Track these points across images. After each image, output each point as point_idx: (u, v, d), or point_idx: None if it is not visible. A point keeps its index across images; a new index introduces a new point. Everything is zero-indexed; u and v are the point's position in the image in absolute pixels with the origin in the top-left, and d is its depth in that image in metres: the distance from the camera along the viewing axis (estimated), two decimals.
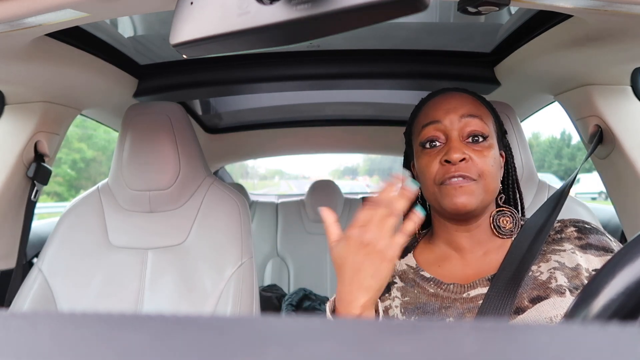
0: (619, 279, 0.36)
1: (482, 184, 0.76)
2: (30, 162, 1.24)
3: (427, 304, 0.78)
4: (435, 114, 0.81)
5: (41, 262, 1.21)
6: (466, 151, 0.76)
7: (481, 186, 0.76)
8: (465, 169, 0.75)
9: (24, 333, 0.18)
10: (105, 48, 1.21)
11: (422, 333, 0.18)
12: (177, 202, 1.24)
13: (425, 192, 0.82)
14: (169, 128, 1.20)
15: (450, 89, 0.86)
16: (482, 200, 0.77)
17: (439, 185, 0.77)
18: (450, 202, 0.76)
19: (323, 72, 1.39)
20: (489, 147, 0.79)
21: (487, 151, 0.78)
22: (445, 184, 0.76)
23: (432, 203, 0.82)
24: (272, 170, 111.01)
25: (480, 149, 0.78)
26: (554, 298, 0.69)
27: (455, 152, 0.75)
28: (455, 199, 0.75)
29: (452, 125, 0.79)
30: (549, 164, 51.68)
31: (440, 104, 0.82)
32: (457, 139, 0.78)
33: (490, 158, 0.78)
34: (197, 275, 1.16)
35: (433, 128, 0.80)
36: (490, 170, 0.77)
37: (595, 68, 1.06)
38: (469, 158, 0.76)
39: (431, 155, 0.79)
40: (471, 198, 0.75)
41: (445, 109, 0.80)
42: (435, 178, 0.78)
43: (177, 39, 0.50)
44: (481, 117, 0.80)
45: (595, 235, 0.77)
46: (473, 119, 0.79)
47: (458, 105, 0.80)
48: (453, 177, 0.75)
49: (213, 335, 0.18)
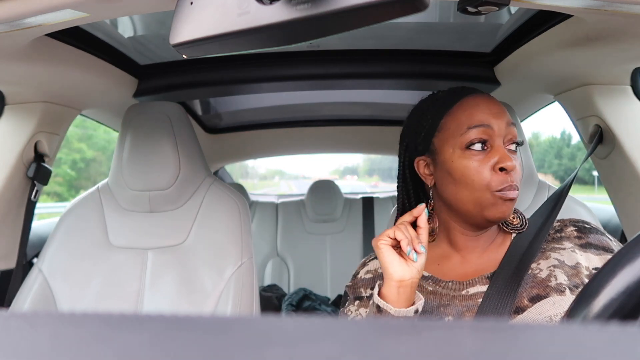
0: (619, 279, 0.36)
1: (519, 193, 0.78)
2: (30, 162, 1.24)
3: (426, 302, 0.78)
4: (484, 116, 0.77)
5: (41, 262, 1.21)
6: None
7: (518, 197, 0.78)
8: (513, 177, 0.75)
9: (24, 333, 0.18)
10: (105, 48, 1.21)
11: (422, 333, 0.18)
12: (177, 202, 1.24)
13: (468, 195, 0.77)
14: (169, 128, 1.20)
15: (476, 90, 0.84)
16: None
17: (493, 192, 0.75)
18: (499, 212, 0.75)
19: (323, 72, 1.39)
20: (518, 156, 0.80)
21: (518, 160, 0.79)
22: (503, 193, 0.75)
23: (470, 207, 0.78)
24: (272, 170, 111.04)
25: (516, 157, 0.78)
26: (553, 297, 0.70)
27: (509, 160, 0.74)
28: (504, 208, 0.75)
29: (499, 131, 0.77)
30: (549, 163, 51.72)
31: (484, 107, 0.78)
32: (503, 146, 0.77)
33: (521, 167, 0.79)
34: (197, 276, 1.16)
35: (482, 131, 0.76)
36: (521, 180, 0.79)
37: (595, 68, 1.06)
38: (515, 167, 0.76)
39: (479, 160, 0.76)
40: (513, 206, 0.77)
41: (492, 114, 0.78)
42: (490, 185, 0.75)
43: (177, 39, 0.50)
44: (516, 124, 0.81)
45: (595, 234, 0.78)
46: (514, 127, 0.79)
47: (502, 111, 0.79)
48: (511, 188, 0.75)
49: (213, 335, 0.18)
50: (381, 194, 3.10)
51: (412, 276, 0.70)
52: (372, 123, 2.33)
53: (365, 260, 0.94)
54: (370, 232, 2.60)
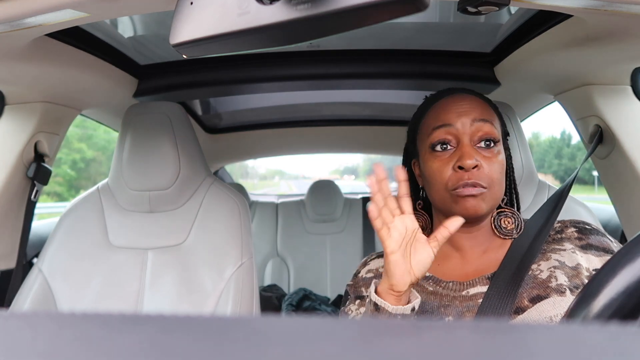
0: (619, 279, 0.36)
1: (492, 191, 0.76)
2: (30, 162, 1.24)
3: (426, 303, 0.78)
4: (446, 116, 0.79)
5: (41, 262, 1.21)
6: (477, 157, 0.75)
7: (490, 194, 0.76)
8: (477, 176, 0.74)
9: (24, 333, 0.18)
10: (105, 48, 1.21)
11: (422, 333, 0.18)
12: (177, 202, 1.24)
13: (435, 195, 0.80)
14: (169, 128, 1.20)
15: (458, 90, 0.84)
16: (491, 207, 0.78)
17: (450, 192, 0.76)
18: (462, 208, 0.75)
19: (323, 72, 1.39)
20: (498, 153, 0.78)
21: (496, 157, 0.77)
22: (457, 191, 0.75)
23: (440, 206, 0.81)
24: (272, 170, 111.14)
25: (490, 155, 0.77)
26: (554, 297, 0.70)
27: (468, 158, 0.74)
28: (467, 204, 0.75)
29: (464, 129, 0.77)
30: (549, 163, 51.76)
31: (451, 106, 0.80)
32: (468, 144, 0.77)
33: (498, 164, 0.77)
34: (197, 276, 1.16)
35: (444, 131, 0.78)
36: (498, 178, 0.77)
37: (595, 68, 1.06)
38: (480, 165, 0.75)
39: (442, 160, 0.78)
40: (482, 204, 0.75)
41: (457, 112, 0.79)
42: (447, 184, 0.76)
43: (177, 39, 0.50)
44: (492, 121, 0.79)
45: (595, 236, 0.78)
46: (485, 123, 0.78)
47: (470, 108, 0.79)
48: (466, 185, 0.75)
49: (213, 335, 0.18)
50: None
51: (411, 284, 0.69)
52: (372, 123, 2.33)
53: (366, 259, 0.94)
54: (370, 232, 2.59)
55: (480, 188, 0.75)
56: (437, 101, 0.84)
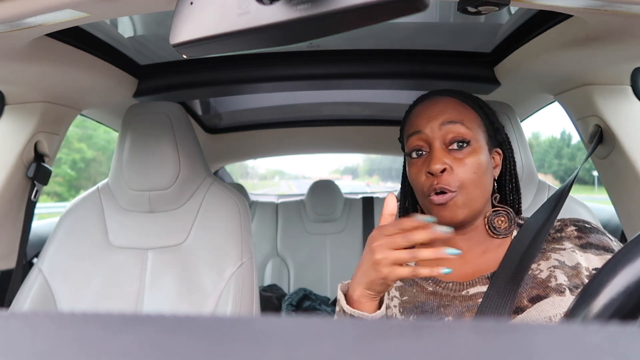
0: (619, 279, 0.36)
1: (464, 194, 0.76)
2: (30, 162, 1.24)
3: (426, 303, 0.78)
4: (417, 122, 0.81)
5: (41, 262, 1.21)
6: (447, 160, 0.76)
7: (463, 197, 0.76)
8: (445, 180, 0.75)
9: (24, 333, 0.18)
10: (105, 48, 1.21)
11: (422, 333, 0.18)
12: (177, 202, 1.24)
13: (418, 200, 0.84)
14: (169, 128, 1.20)
15: (437, 92, 0.86)
16: (470, 209, 0.78)
17: (427, 197, 0.78)
18: (440, 217, 0.77)
19: (323, 72, 1.39)
20: (472, 153, 0.78)
21: (470, 158, 0.77)
22: (430, 198, 0.77)
23: (426, 212, 0.83)
24: (272, 170, 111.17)
25: (462, 157, 0.77)
26: (553, 297, 0.70)
27: (435, 163, 0.76)
28: (442, 213, 0.77)
29: (433, 134, 0.79)
30: (549, 163, 51.76)
31: (422, 112, 0.82)
32: (439, 149, 0.78)
33: (471, 165, 0.77)
34: (197, 275, 1.16)
35: (417, 138, 0.80)
36: (471, 179, 0.77)
37: (595, 68, 1.06)
38: (449, 168, 0.76)
39: (418, 166, 0.80)
40: (457, 210, 0.76)
41: (427, 118, 0.80)
42: (423, 189, 0.79)
43: (177, 39, 0.50)
44: (463, 121, 0.79)
45: (595, 234, 0.78)
46: (454, 125, 0.78)
47: (439, 112, 0.80)
48: (435, 192, 0.76)
49: (213, 336, 0.18)
50: (381, 194, 3.10)
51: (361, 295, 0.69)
52: (372, 123, 2.33)
53: None
54: (370, 231, 2.59)
55: (450, 193, 0.76)
56: (415, 107, 0.86)
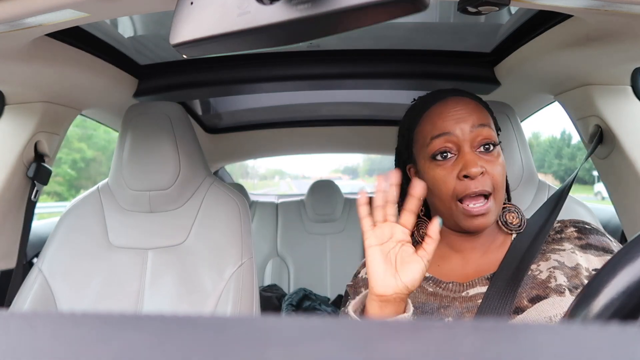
0: (619, 279, 0.36)
1: (496, 196, 0.76)
2: (30, 162, 1.24)
3: (426, 304, 0.78)
4: (444, 124, 0.77)
5: (41, 262, 1.21)
6: (480, 163, 0.74)
7: (495, 200, 0.76)
8: (482, 182, 0.74)
9: (24, 333, 0.18)
10: (105, 48, 1.21)
11: (422, 333, 0.18)
12: (177, 202, 1.24)
13: (439, 204, 0.79)
14: (169, 128, 1.20)
15: (450, 92, 0.83)
16: (497, 214, 0.77)
17: (456, 202, 0.76)
18: (471, 224, 0.75)
19: (323, 72, 1.39)
20: (498, 155, 0.77)
21: (497, 159, 0.77)
22: (466, 206, 0.75)
23: (446, 217, 0.79)
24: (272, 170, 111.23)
25: (491, 159, 0.76)
26: (553, 297, 0.70)
27: (473, 167, 0.73)
28: (476, 222, 0.75)
29: (464, 137, 0.76)
30: (549, 163, 51.76)
31: (448, 113, 0.78)
32: (470, 151, 0.75)
33: (500, 166, 0.76)
34: (197, 275, 1.16)
35: (444, 140, 0.77)
36: (502, 180, 0.76)
37: (596, 68, 1.06)
38: (485, 170, 0.74)
39: (445, 169, 0.76)
40: (490, 217, 0.75)
41: (455, 119, 0.77)
42: (454, 193, 0.75)
43: (177, 39, 0.50)
44: (489, 124, 0.78)
45: (595, 235, 0.78)
46: (483, 127, 0.76)
47: (467, 114, 0.77)
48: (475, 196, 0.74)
49: (213, 335, 0.18)
50: None
51: (397, 292, 0.64)
52: (372, 123, 2.33)
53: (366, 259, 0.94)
54: None
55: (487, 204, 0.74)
56: (431, 106, 0.82)
